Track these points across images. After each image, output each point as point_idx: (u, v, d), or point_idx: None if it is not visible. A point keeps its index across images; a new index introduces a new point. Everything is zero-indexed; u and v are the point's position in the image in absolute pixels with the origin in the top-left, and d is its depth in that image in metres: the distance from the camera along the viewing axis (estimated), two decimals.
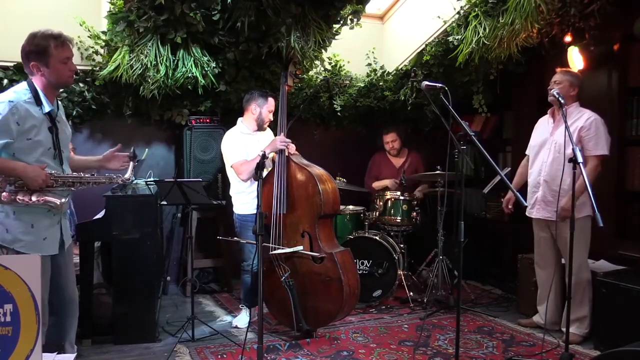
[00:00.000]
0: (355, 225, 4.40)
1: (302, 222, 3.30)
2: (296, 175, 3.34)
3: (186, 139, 4.23)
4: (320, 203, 3.24)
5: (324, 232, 3.33)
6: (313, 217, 3.27)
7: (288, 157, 3.38)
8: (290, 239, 3.33)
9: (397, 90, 4.68)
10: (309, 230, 3.28)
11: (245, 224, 3.51)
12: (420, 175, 4.42)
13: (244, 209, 3.54)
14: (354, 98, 4.78)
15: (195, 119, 4.25)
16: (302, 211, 3.30)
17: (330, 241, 3.38)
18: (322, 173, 3.37)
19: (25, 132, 2.24)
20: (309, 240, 3.28)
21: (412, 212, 4.31)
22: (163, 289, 4.30)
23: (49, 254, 2.37)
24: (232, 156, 3.48)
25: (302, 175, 3.32)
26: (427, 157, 4.98)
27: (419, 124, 5.12)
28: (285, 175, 3.33)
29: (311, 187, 3.27)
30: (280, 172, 3.33)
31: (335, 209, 3.41)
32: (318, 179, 3.27)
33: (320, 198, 3.23)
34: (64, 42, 2.31)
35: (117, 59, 3.65)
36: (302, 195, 3.30)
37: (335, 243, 3.42)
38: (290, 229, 3.34)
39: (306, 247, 3.26)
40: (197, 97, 4.17)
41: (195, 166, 4.23)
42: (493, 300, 4.22)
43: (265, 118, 3.55)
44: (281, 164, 3.34)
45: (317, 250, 3.24)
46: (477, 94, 4.42)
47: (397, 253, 4.13)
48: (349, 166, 4.72)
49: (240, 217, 3.56)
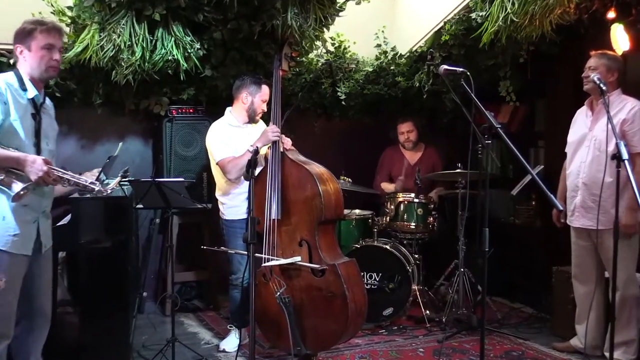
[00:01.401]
0: (362, 232, 4.40)
1: (300, 229, 3.30)
2: (292, 174, 3.34)
3: (166, 132, 4.23)
4: (320, 207, 3.23)
5: (325, 240, 3.33)
6: (312, 223, 3.26)
7: (283, 153, 3.37)
8: (286, 248, 3.33)
9: (411, 75, 4.68)
10: (307, 238, 3.28)
11: (234, 231, 3.51)
12: (438, 174, 4.41)
13: (231, 214, 3.54)
14: (361, 84, 4.78)
15: (176, 109, 4.25)
16: (300, 216, 3.30)
17: (333, 251, 3.38)
18: (323, 171, 3.37)
19: (9, 113, 2.40)
20: (307, 249, 3.27)
21: (428, 217, 4.31)
22: (139, 307, 4.30)
23: (19, 253, 2.44)
24: (218, 152, 3.47)
25: (300, 174, 3.32)
26: (446, 153, 4.97)
27: (436, 114, 5.11)
28: (279, 175, 3.33)
29: (310, 188, 3.27)
30: (273, 171, 3.33)
31: (338, 214, 3.41)
32: (318, 178, 3.27)
33: (320, 201, 3.23)
34: (50, 29, 2.52)
35: (86, 38, 3.64)
36: (300, 198, 3.30)
37: (338, 253, 3.42)
38: (286, 237, 3.33)
39: (305, 258, 3.25)
40: (178, 84, 4.17)
41: (176, 164, 4.23)
42: (523, 320, 4.22)
43: (257, 108, 3.55)
44: (275, 161, 3.34)
45: (317, 262, 3.24)
46: (504, 79, 4.41)
47: (411, 265, 4.13)
48: (355, 163, 4.72)
49: (227, 223, 3.56)
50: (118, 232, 3.19)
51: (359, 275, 3.40)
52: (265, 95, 3.56)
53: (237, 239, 3.45)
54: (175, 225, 4.22)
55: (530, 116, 4.89)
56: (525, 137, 4.78)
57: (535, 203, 4.69)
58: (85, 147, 4.40)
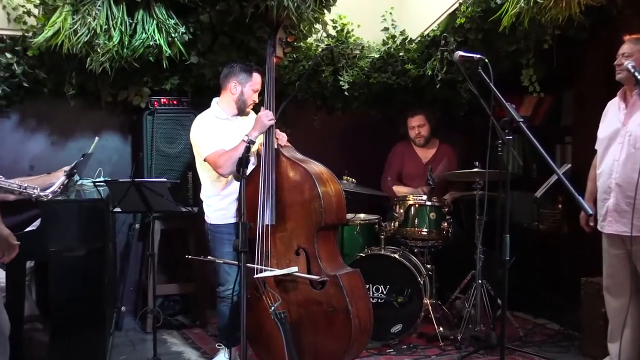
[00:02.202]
0: (367, 239, 4.40)
1: (297, 236, 3.30)
2: (288, 174, 3.34)
3: (147, 127, 4.23)
4: (319, 210, 3.24)
5: (325, 248, 3.33)
6: (311, 229, 3.27)
7: (277, 150, 3.38)
8: (281, 257, 3.33)
9: (423, 62, 4.68)
10: (305, 246, 3.28)
11: (220, 237, 3.51)
12: (453, 174, 4.42)
13: (217, 218, 3.54)
14: (366, 73, 4.78)
15: (158, 101, 4.26)
16: (296, 221, 3.30)
17: (334, 260, 3.38)
18: (323, 171, 3.37)
19: None
20: (305, 259, 3.27)
21: (442, 223, 4.31)
22: (116, 323, 4.30)
23: None
24: (206, 146, 3.46)
25: (296, 174, 3.32)
26: (462, 150, 4.97)
27: (451, 107, 5.11)
28: (273, 174, 3.33)
29: (308, 190, 3.27)
30: (267, 170, 3.33)
31: (340, 218, 3.41)
32: (317, 178, 3.27)
33: (319, 204, 3.23)
34: None
35: (57, 22, 3.64)
36: (296, 201, 3.30)
37: (340, 263, 3.42)
38: (281, 244, 3.34)
39: (302, 269, 3.26)
40: (161, 72, 4.17)
41: (158, 162, 4.24)
42: (548, 338, 4.22)
43: (247, 99, 3.56)
44: (268, 159, 3.35)
45: (316, 272, 3.24)
46: (527, 67, 4.41)
47: (423, 276, 4.13)
48: (360, 162, 4.71)
49: (213, 228, 3.56)
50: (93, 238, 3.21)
51: (363, 287, 3.39)
52: (256, 84, 3.56)
53: (224, 245, 3.46)
54: (157, 231, 4.22)
55: (556, 109, 4.88)
56: (550, 132, 4.78)
57: (561, 206, 4.69)
58: (57, 144, 4.41)
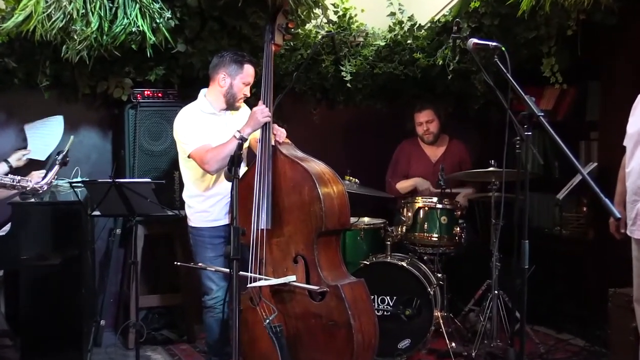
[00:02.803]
0: (371, 245, 4.40)
1: (295, 242, 3.29)
2: (286, 174, 3.33)
3: (129, 122, 4.23)
4: (320, 214, 3.23)
5: (326, 256, 3.32)
6: (310, 234, 3.26)
7: (275, 147, 3.37)
8: (277, 265, 3.33)
9: (433, 51, 4.67)
10: (304, 253, 3.27)
11: (201, 241, 3.53)
12: (466, 174, 4.41)
13: (198, 220, 3.55)
14: (371, 62, 4.77)
15: (141, 93, 4.26)
16: (295, 226, 3.29)
17: (336, 269, 3.37)
18: (324, 170, 3.36)
19: None
20: (304, 267, 3.27)
21: (454, 227, 4.30)
22: (95, 339, 4.29)
23: None
24: (190, 141, 3.45)
25: (295, 174, 3.31)
26: (476, 147, 4.96)
27: (464, 100, 5.11)
28: (270, 174, 3.32)
29: (307, 191, 3.26)
30: (263, 169, 3.32)
31: (342, 223, 3.40)
32: (317, 179, 3.26)
33: (320, 207, 3.22)
34: None
35: (28, 5, 3.62)
36: (295, 203, 3.30)
37: (343, 272, 3.42)
38: (278, 251, 3.33)
39: (300, 278, 3.25)
40: (144, 62, 4.17)
41: (141, 160, 4.24)
42: (573, 355, 4.21)
43: (237, 93, 3.54)
44: (264, 157, 3.33)
45: (316, 282, 3.23)
46: (549, 56, 4.40)
47: (433, 286, 4.12)
48: (363, 161, 4.71)
49: (194, 231, 3.57)
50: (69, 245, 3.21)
51: (368, 299, 3.38)
52: (248, 76, 3.54)
53: (206, 250, 3.48)
54: (140, 237, 4.21)
55: (581, 102, 4.87)
56: (574, 127, 4.77)
57: (586, 210, 4.68)
58: None
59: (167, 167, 4.27)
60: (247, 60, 3.55)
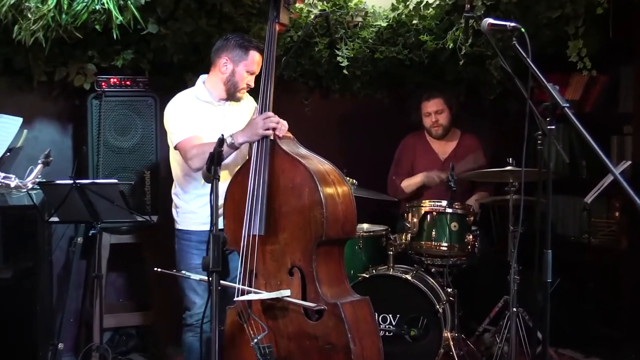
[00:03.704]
0: (372, 256, 4.41)
1: (291, 251, 3.28)
2: (285, 173, 3.32)
3: (92, 114, 4.23)
4: (321, 220, 3.20)
5: (326, 268, 3.31)
6: (309, 243, 3.23)
7: (274, 142, 3.35)
8: (270, 277, 3.31)
9: (442, 33, 4.66)
10: (301, 264, 3.26)
11: (187, 246, 3.54)
12: (479, 174, 4.40)
13: (185, 222, 3.56)
14: (371, 46, 4.76)
15: (107, 81, 4.25)
16: (292, 233, 3.28)
17: (337, 284, 3.37)
18: (329, 170, 3.35)
19: None
20: (300, 280, 3.25)
21: (466, 235, 4.31)
22: None
23: None
24: (179, 130, 3.48)
25: (295, 173, 3.29)
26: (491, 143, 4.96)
27: (477, 88, 5.12)
28: (266, 172, 3.30)
29: (308, 193, 3.23)
30: (259, 167, 3.30)
31: (347, 232, 3.39)
32: (320, 180, 3.23)
33: (321, 212, 3.20)
34: None
35: None
36: (293, 206, 3.28)
37: (345, 288, 3.41)
38: (272, 261, 3.32)
39: (296, 293, 3.23)
40: (110, 45, 4.16)
41: (107, 159, 4.24)
42: None
43: (239, 82, 3.56)
44: (261, 153, 3.32)
45: (313, 299, 3.21)
46: (576, 38, 4.40)
47: (442, 302, 4.13)
48: (362, 158, 4.72)
49: (180, 235, 3.59)
50: (22, 257, 3.20)
51: (372, 321, 3.38)
52: (253, 64, 3.56)
53: (191, 257, 3.48)
54: (105, 246, 4.21)
55: (612, 91, 4.89)
56: (605, 120, 4.78)
57: (619, 214, 4.69)
58: None
59: (136, 166, 4.26)
60: (254, 47, 3.57)
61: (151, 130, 4.29)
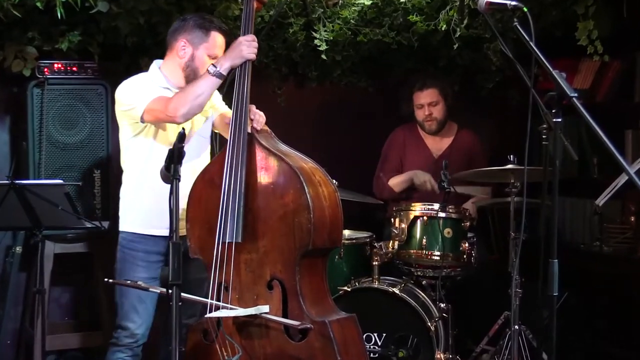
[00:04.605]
0: (354, 266, 4.42)
1: (271, 261, 3.29)
2: (264, 171, 3.33)
3: (33, 104, 4.23)
4: (307, 227, 3.21)
5: (310, 282, 3.33)
6: (292, 252, 3.25)
7: (252, 136, 3.36)
8: (245, 290, 3.32)
9: (434, 12, 4.65)
10: (282, 277, 3.27)
11: (132, 256, 3.55)
12: (477, 173, 4.43)
13: (134, 223, 3.58)
14: (353, 27, 4.76)
15: (50, 67, 4.24)
16: (272, 240, 3.29)
17: (322, 300, 3.39)
18: (314, 170, 3.37)
19: None
20: (281, 295, 3.26)
21: (461, 242, 4.33)
22: None
23: None
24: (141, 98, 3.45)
25: (277, 172, 3.30)
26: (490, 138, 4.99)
27: (474, 76, 5.14)
28: (243, 170, 3.31)
29: (292, 195, 3.25)
30: (234, 164, 3.30)
31: (333, 239, 3.41)
32: (306, 180, 3.24)
33: (308, 217, 3.20)
34: None
35: None
36: (275, 210, 3.29)
37: (330, 304, 3.44)
38: (248, 272, 3.32)
39: (276, 309, 3.25)
40: (53, 25, 4.15)
41: (51, 156, 4.23)
42: None
43: (200, 68, 3.56)
44: (237, 148, 3.32)
45: (296, 316, 3.22)
46: (585, 19, 4.43)
47: (435, 319, 4.14)
48: (343, 156, 4.74)
49: (123, 240, 3.60)
50: None
51: (361, 341, 3.41)
52: (214, 47, 3.57)
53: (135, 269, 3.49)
54: (48, 257, 4.18)
55: (627, 79, 4.92)
56: (618, 112, 4.81)
57: (634, 219, 4.72)
58: None
59: (85, 164, 4.24)
60: (216, 27, 3.58)
61: (101, 123, 4.27)
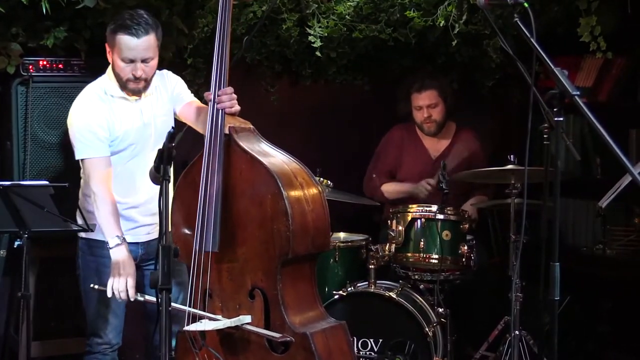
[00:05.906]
0: (350, 270, 4.44)
1: (252, 270, 3.29)
2: (242, 175, 3.31)
3: (17, 103, 4.24)
4: (286, 234, 3.19)
5: (294, 290, 3.32)
6: (273, 261, 3.23)
7: (230, 136, 3.33)
8: (227, 300, 3.33)
9: (432, 8, 4.66)
10: (263, 285, 3.26)
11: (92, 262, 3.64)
12: (476, 174, 4.42)
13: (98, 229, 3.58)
14: (348, 23, 4.76)
15: (35, 64, 4.25)
16: (252, 247, 3.28)
17: (307, 309, 3.38)
18: (297, 171, 3.35)
19: None
20: (263, 305, 3.26)
21: (460, 245, 4.34)
22: None
23: None
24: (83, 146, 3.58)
25: (255, 176, 3.28)
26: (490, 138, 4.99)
27: (473, 73, 5.16)
28: (220, 174, 3.29)
29: (270, 201, 3.23)
30: (211, 167, 3.28)
31: (319, 245, 3.39)
32: (285, 184, 3.22)
33: (286, 224, 3.18)
34: None
35: None
36: (253, 216, 3.27)
37: (317, 312, 3.42)
38: (229, 280, 3.33)
39: (257, 320, 3.24)
40: (39, 21, 4.15)
41: (36, 156, 4.27)
42: None
43: (121, 74, 3.51)
44: (213, 150, 3.30)
45: (278, 327, 3.22)
46: (588, 15, 4.43)
47: (433, 324, 4.15)
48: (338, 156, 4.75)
49: (83, 246, 3.69)
50: None
51: (349, 350, 3.40)
52: (125, 51, 3.44)
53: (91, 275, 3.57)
54: (34, 261, 4.17)
55: (631, 76, 4.93)
56: (622, 111, 4.82)
57: (639, 221, 4.71)
58: None
59: (71, 164, 4.21)
60: (123, 29, 3.43)
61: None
